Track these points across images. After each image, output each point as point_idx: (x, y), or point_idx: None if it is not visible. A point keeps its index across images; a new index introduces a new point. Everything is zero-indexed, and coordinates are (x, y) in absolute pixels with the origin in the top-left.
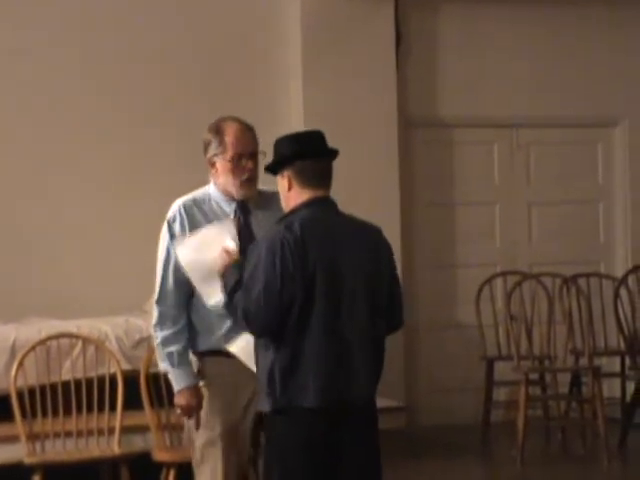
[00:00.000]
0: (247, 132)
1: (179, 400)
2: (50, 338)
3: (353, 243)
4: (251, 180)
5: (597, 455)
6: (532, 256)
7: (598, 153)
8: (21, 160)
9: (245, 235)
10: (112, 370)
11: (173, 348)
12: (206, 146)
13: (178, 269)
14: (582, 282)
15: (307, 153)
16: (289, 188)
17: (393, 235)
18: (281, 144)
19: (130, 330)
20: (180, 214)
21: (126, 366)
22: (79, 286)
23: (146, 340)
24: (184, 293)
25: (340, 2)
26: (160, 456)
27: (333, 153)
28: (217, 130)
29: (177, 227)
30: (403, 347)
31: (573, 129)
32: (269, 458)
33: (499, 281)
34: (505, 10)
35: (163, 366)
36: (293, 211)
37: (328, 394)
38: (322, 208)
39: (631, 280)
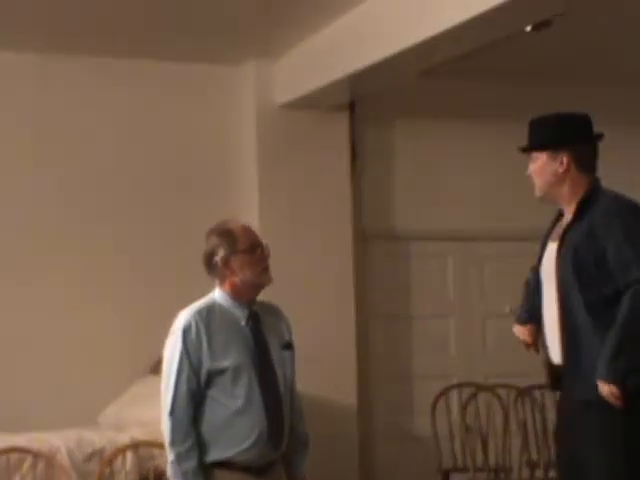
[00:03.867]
0: (248, 226)
1: None
2: None
3: None
4: (268, 268)
5: None
6: (487, 368)
7: None
8: None
9: (259, 341)
10: None
11: (188, 465)
12: (212, 253)
13: (192, 379)
14: (537, 394)
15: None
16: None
17: (348, 347)
18: (559, 123)
19: (82, 443)
20: (196, 322)
21: None
22: (30, 399)
23: (99, 453)
24: (195, 404)
25: (296, 116)
26: None
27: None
28: (222, 232)
29: (193, 335)
30: (358, 459)
31: (526, 242)
32: None
33: (455, 392)
34: (459, 125)
35: None
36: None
37: None
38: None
39: None
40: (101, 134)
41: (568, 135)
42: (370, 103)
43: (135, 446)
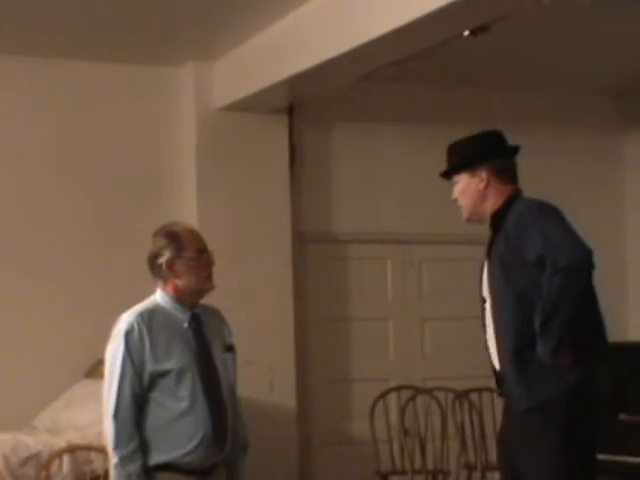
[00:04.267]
0: (196, 231)
1: None
2: None
3: None
4: (212, 275)
5: None
6: (425, 371)
7: None
8: None
9: (202, 343)
10: None
11: (132, 468)
12: (157, 254)
13: (135, 381)
14: (474, 397)
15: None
16: (486, 185)
17: (287, 350)
18: (472, 142)
19: (18, 448)
20: (138, 324)
21: None
22: None
23: (35, 458)
24: (138, 407)
25: (235, 118)
26: None
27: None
28: (169, 234)
29: (135, 338)
30: (297, 462)
31: (465, 246)
32: None
33: (393, 396)
34: (398, 129)
35: None
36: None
37: None
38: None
39: None
40: (38, 136)
41: (483, 151)
42: (309, 106)
43: (72, 450)
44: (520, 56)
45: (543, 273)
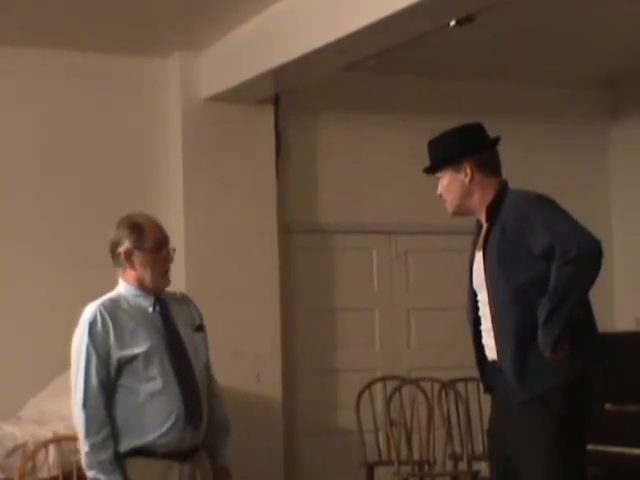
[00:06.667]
0: (161, 226)
1: None
2: None
3: None
4: (168, 271)
5: None
6: (411, 361)
7: None
8: None
9: (168, 326)
10: None
11: (104, 456)
12: (117, 242)
13: (102, 370)
14: (460, 387)
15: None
16: (471, 179)
17: (274, 340)
18: (454, 137)
19: (4, 438)
20: (101, 314)
21: None
22: None
23: (21, 448)
24: (107, 395)
25: (221, 109)
26: None
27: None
28: (132, 224)
29: (99, 327)
30: (283, 452)
31: (451, 236)
32: None
33: (379, 386)
34: (384, 119)
35: (92, 474)
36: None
37: None
38: None
39: None
40: (22, 125)
41: (465, 146)
42: (295, 97)
43: (58, 440)
44: (505, 47)
45: (548, 265)
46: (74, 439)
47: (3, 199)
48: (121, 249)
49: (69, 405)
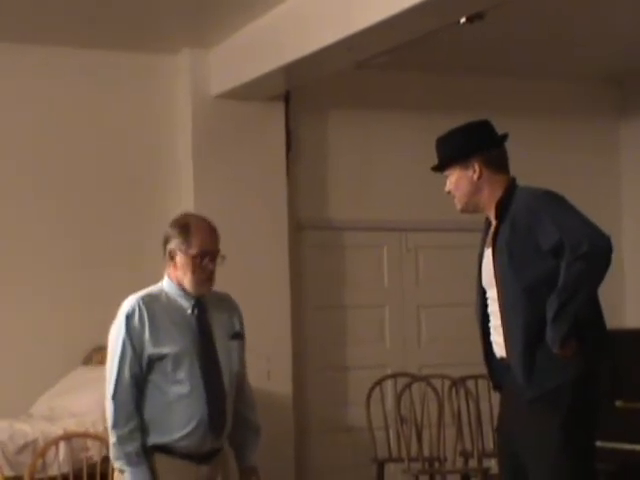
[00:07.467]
0: (213, 233)
1: None
2: None
3: None
4: (210, 280)
5: None
6: (422, 358)
7: None
8: None
9: (203, 330)
10: None
11: (131, 447)
12: (168, 239)
13: (135, 363)
14: (471, 384)
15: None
16: (479, 177)
17: (284, 337)
18: (462, 134)
19: (15, 435)
20: (139, 308)
21: (9, 472)
22: None
23: (31, 445)
24: (139, 388)
25: (231, 106)
26: None
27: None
28: (183, 226)
29: (136, 321)
30: (294, 449)
31: (461, 233)
32: None
33: (389, 383)
34: (395, 117)
35: (119, 464)
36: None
37: None
38: None
39: None
40: (34, 124)
41: (473, 143)
42: (306, 94)
43: (68, 437)
44: (516, 43)
45: (557, 262)
46: (84, 436)
47: (4, 199)
48: (168, 247)
49: (79, 402)
